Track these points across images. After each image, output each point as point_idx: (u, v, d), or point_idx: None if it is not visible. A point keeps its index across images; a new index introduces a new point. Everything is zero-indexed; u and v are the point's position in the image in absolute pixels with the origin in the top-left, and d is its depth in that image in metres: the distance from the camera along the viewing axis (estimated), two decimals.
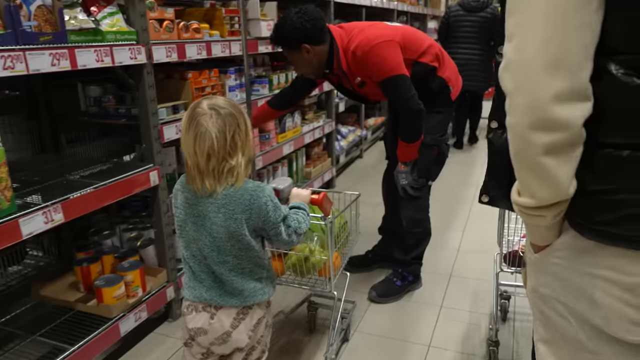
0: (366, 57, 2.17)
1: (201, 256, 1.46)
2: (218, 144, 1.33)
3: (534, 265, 0.96)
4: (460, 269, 2.87)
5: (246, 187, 1.41)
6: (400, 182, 2.39)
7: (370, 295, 2.55)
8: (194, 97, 2.39)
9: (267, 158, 3.14)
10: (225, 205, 1.40)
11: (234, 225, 1.40)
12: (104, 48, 1.83)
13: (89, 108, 2.32)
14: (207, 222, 1.42)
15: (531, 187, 0.82)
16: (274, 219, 1.44)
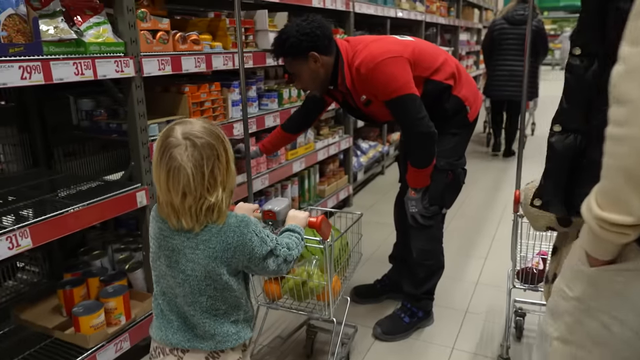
0: (371, 75, 1.98)
1: (172, 294, 1.31)
2: (195, 181, 1.17)
3: (588, 279, 0.93)
4: (478, 304, 2.61)
5: (229, 222, 1.25)
6: (410, 210, 2.18)
7: (375, 331, 2.34)
8: (191, 112, 2.26)
9: (275, 176, 2.97)
10: (205, 242, 1.23)
11: (213, 264, 1.24)
12: (85, 60, 1.71)
13: (80, 122, 2.22)
14: (182, 259, 1.26)
15: (631, 204, 0.77)
16: (260, 255, 1.28)
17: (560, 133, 1.03)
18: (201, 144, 1.17)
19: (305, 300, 1.84)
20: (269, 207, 1.56)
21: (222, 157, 1.21)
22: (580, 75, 1.00)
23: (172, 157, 1.16)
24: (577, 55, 1.00)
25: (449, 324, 2.44)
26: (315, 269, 1.76)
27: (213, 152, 1.19)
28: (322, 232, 1.55)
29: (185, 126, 1.20)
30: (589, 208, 0.83)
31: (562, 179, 1.04)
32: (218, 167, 1.20)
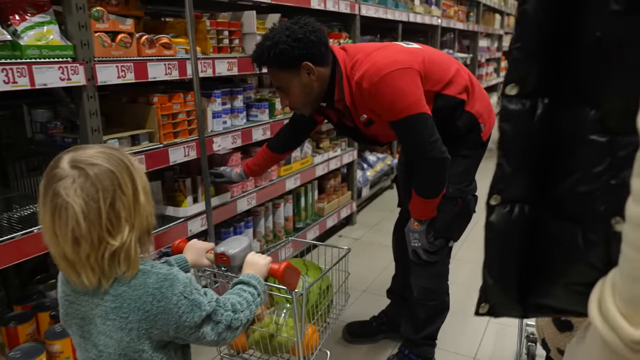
0: (375, 90, 1.67)
1: None
2: (87, 221, 0.90)
3: None
4: (490, 348, 2.28)
5: (146, 283, 0.97)
6: (412, 244, 1.86)
7: None
8: (161, 126, 1.99)
9: (264, 194, 2.68)
10: (117, 309, 0.96)
11: (127, 338, 0.96)
12: (19, 66, 1.45)
13: (35, 135, 1.96)
14: (93, 330, 0.99)
15: None
16: (192, 322, 1.00)
17: (501, 206, 0.73)
18: (95, 174, 0.90)
19: (275, 354, 1.55)
20: (222, 249, 1.27)
21: (127, 187, 0.94)
22: (523, 124, 0.69)
23: (57, 193, 0.89)
24: (513, 97, 0.69)
25: None
26: (286, 320, 1.46)
27: (113, 181, 0.92)
28: (286, 283, 1.26)
29: (77, 152, 0.94)
30: (612, 323, 0.56)
31: (511, 271, 0.75)
32: (121, 200, 0.93)
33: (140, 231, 0.97)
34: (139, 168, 1.00)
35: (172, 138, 2.05)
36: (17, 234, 1.53)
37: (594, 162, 0.64)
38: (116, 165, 0.94)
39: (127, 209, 0.94)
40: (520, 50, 0.67)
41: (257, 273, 1.21)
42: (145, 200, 0.98)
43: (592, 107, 0.64)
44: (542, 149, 0.70)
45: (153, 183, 2.26)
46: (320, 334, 1.62)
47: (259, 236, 2.81)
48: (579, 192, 0.66)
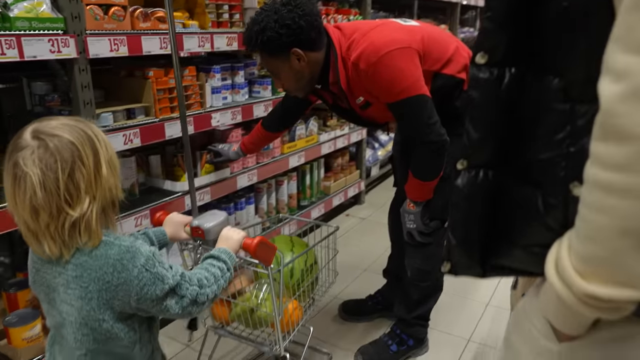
0: (372, 71, 1.63)
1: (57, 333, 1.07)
2: (44, 192, 0.91)
3: (558, 356, 0.72)
4: (485, 331, 2.26)
5: (107, 254, 0.98)
6: (407, 225, 1.84)
7: (355, 359, 2.03)
8: (156, 100, 1.99)
9: (266, 171, 2.68)
10: (78, 279, 0.98)
11: (87, 307, 0.98)
12: (7, 38, 1.46)
13: (34, 107, 1.99)
14: (57, 297, 1.02)
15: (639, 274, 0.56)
16: (153, 295, 1.00)
17: (467, 170, 0.75)
18: (55, 145, 0.92)
19: (259, 328, 1.56)
20: (197, 222, 1.28)
21: (88, 159, 0.95)
22: (490, 92, 0.71)
23: (16, 163, 0.91)
24: (482, 65, 0.71)
25: (445, 354, 2.10)
26: (265, 295, 1.47)
27: (73, 152, 0.93)
28: (259, 258, 1.26)
29: (40, 124, 0.95)
30: (567, 280, 0.61)
31: (474, 233, 0.77)
32: (80, 171, 0.94)
33: (103, 203, 0.98)
34: (104, 141, 1.00)
35: (169, 113, 2.06)
36: None
37: (555, 129, 0.66)
38: (78, 137, 0.94)
39: (87, 181, 0.95)
40: (490, 20, 0.70)
41: (229, 247, 1.21)
42: (109, 172, 0.99)
43: (556, 75, 0.66)
44: (508, 116, 0.72)
45: (152, 157, 2.29)
46: (304, 310, 1.63)
47: (261, 212, 2.83)
48: (540, 159, 0.68)
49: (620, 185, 0.53)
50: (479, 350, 2.12)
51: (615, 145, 0.52)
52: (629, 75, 0.50)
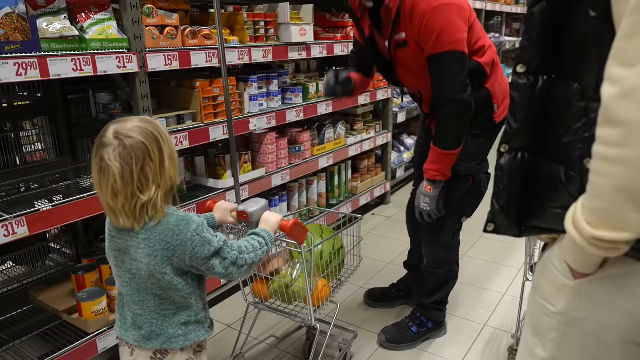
0: (430, 15, 1.69)
1: (124, 293, 1.33)
2: (122, 181, 1.18)
3: (572, 292, 0.95)
4: (501, 318, 2.43)
5: (168, 221, 1.24)
6: (421, 206, 1.96)
7: (379, 338, 2.25)
8: (202, 107, 2.27)
9: (298, 171, 2.94)
10: (146, 240, 1.24)
11: (154, 262, 1.24)
12: (85, 57, 1.76)
13: (99, 115, 2.30)
14: (127, 258, 1.27)
15: (630, 221, 0.78)
16: (202, 255, 1.26)
17: (508, 153, 0.99)
18: (131, 144, 1.17)
19: (293, 302, 1.80)
20: (242, 207, 1.52)
21: (155, 154, 1.20)
22: (528, 93, 0.95)
23: (102, 157, 1.18)
24: (521, 73, 0.95)
25: (462, 337, 2.29)
26: (299, 272, 1.71)
27: (144, 151, 1.18)
28: (294, 236, 1.50)
29: (119, 125, 1.21)
30: (579, 227, 0.83)
31: (514, 200, 1.00)
32: (149, 165, 1.19)
33: (165, 189, 1.24)
34: (167, 140, 1.25)
35: (213, 118, 2.33)
36: (84, 195, 1.85)
37: (575, 120, 0.89)
38: (147, 137, 1.20)
39: (154, 173, 1.20)
40: (528, 41, 0.95)
41: (269, 228, 1.46)
42: (170, 165, 1.24)
43: (576, 81, 0.89)
44: (540, 111, 0.96)
45: (197, 158, 2.58)
46: (331, 288, 1.86)
47: (293, 210, 3.08)
48: (563, 142, 0.92)
49: (615, 157, 0.75)
50: (494, 334, 2.30)
51: (611, 129, 0.75)
52: (620, 82, 0.73)
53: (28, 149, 2.40)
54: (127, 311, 1.34)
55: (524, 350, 1.10)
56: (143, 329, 1.30)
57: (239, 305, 2.54)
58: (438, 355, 2.17)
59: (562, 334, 0.98)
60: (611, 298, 0.91)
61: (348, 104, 3.25)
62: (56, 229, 2.68)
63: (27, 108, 2.39)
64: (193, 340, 1.32)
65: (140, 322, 1.30)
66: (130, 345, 1.34)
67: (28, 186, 2.13)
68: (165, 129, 1.28)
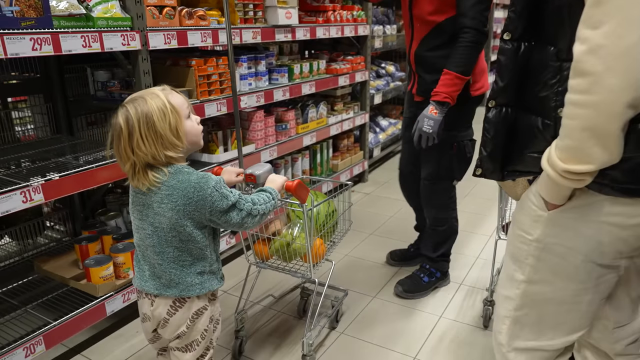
0: None
1: (144, 245, 1.46)
2: (125, 142, 1.32)
3: (546, 221, 1.13)
4: (475, 278, 2.67)
5: (189, 179, 1.38)
6: (424, 128, 2.07)
7: (396, 290, 2.50)
8: (198, 85, 2.40)
9: (284, 148, 3.10)
10: (169, 196, 1.37)
11: (176, 217, 1.38)
12: (93, 34, 1.86)
13: (97, 92, 2.40)
14: (150, 212, 1.40)
15: (593, 155, 0.95)
16: (221, 208, 1.41)
17: (495, 108, 1.17)
18: (135, 110, 1.32)
19: (292, 261, 1.97)
20: (250, 170, 1.68)
21: (159, 121, 1.32)
22: (512, 57, 1.13)
23: (115, 119, 1.34)
24: (507, 40, 1.13)
25: (441, 294, 2.52)
26: (299, 232, 1.88)
27: (147, 116, 1.31)
28: (298, 195, 1.67)
29: (135, 95, 1.37)
30: (553, 163, 1.01)
31: (498, 148, 1.18)
32: (153, 129, 1.31)
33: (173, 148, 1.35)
34: (174, 110, 1.35)
35: (207, 95, 2.46)
36: (81, 169, 1.94)
37: (550, 78, 1.08)
38: (154, 106, 1.33)
39: (124, 149, 1.33)
40: (513, 12, 1.13)
41: (275, 187, 1.62)
42: (171, 135, 1.34)
43: (552, 45, 1.08)
44: (521, 72, 1.16)
45: None
46: (326, 248, 2.04)
47: None
48: (541, 96, 1.10)
49: (582, 101, 0.92)
50: (470, 290, 2.54)
51: (580, 79, 0.92)
52: (587, 40, 0.90)
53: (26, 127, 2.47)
54: (145, 264, 1.46)
55: (505, 278, 1.30)
56: (163, 278, 1.43)
57: (234, 272, 2.70)
58: (421, 310, 2.39)
59: (537, 259, 1.19)
60: (576, 225, 1.10)
61: (329, 85, 3.42)
62: (50, 206, 2.77)
63: (23, 86, 2.46)
64: (208, 288, 1.47)
65: (159, 271, 1.43)
66: (150, 296, 1.46)
67: (33, 160, 2.21)
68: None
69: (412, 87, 2.33)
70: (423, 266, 2.57)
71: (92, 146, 2.36)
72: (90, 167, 1.96)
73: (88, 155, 2.25)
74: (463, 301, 2.45)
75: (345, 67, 3.56)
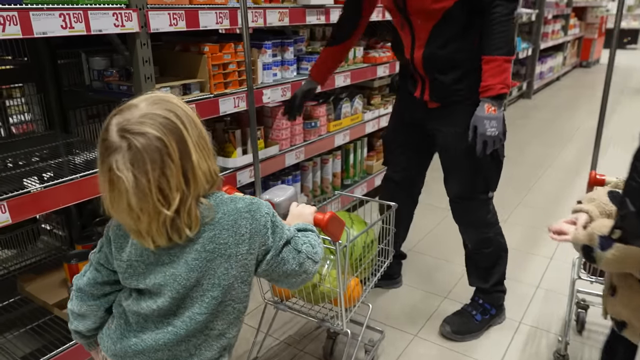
0: None
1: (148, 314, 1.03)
2: (139, 196, 0.90)
3: None
4: (536, 316, 2.22)
5: (237, 208, 1.00)
6: (488, 132, 1.69)
7: (443, 330, 2.06)
8: (212, 76, 1.99)
9: (312, 149, 2.68)
10: (215, 239, 0.98)
11: (223, 267, 0.99)
12: (75, 12, 1.48)
13: (92, 82, 2.02)
14: (180, 269, 0.99)
15: None
16: (276, 245, 1.03)
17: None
18: (142, 145, 0.88)
19: (318, 303, 1.57)
20: (267, 196, 1.27)
21: (174, 152, 0.90)
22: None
23: (109, 166, 0.90)
24: None
25: (495, 336, 2.08)
26: (329, 270, 1.48)
27: (161, 151, 0.89)
28: (330, 233, 1.26)
29: (123, 117, 0.91)
30: None
31: None
32: (170, 168, 0.90)
33: (200, 188, 0.96)
34: (190, 120, 0.95)
35: (223, 88, 2.06)
36: (77, 175, 1.60)
37: None
38: (163, 129, 0.90)
39: (176, 177, 0.91)
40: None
41: (305, 223, 1.21)
42: (199, 156, 0.94)
43: None
44: None
45: None
46: (363, 287, 1.63)
47: (306, 191, 2.83)
48: None
49: None
50: (531, 333, 2.09)
51: None
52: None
53: (14, 120, 2.13)
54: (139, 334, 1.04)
55: None
56: (172, 350, 1.03)
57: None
58: (472, 356, 1.96)
59: None
60: None
61: (367, 75, 2.97)
62: None
63: (11, 73, 2.11)
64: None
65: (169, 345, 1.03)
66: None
67: (16, 162, 1.87)
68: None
69: (422, 93, 1.90)
70: (475, 300, 2.13)
71: (87, 146, 2.00)
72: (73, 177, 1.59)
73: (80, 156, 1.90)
74: (524, 347, 2.01)
75: (386, 55, 3.09)
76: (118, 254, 1.05)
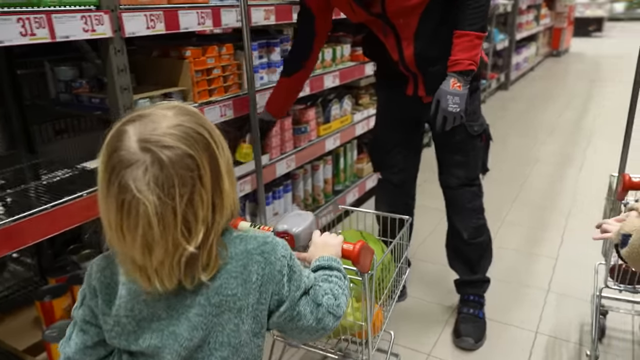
0: None
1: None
2: (162, 225, 0.72)
3: None
4: (552, 324, 2.10)
5: (247, 249, 0.83)
6: (449, 108, 1.64)
7: (465, 344, 1.94)
8: (194, 83, 1.79)
9: (303, 156, 2.50)
10: (219, 291, 0.81)
11: (242, 321, 0.83)
12: (37, 16, 1.26)
13: (59, 94, 1.79)
14: (181, 327, 0.81)
15: None
16: (293, 295, 0.86)
17: None
18: (171, 162, 0.71)
19: (337, 337, 1.40)
20: (285, 226, 1.08)
21: (207, 176, 0.74)
22: None
23: (124, 185, 0.71)
24: None
25: (509, 348, 1.95)
26: (351, 301, 1.30)
27: (193, 171, 0.73)
28: (361, 265, 1.08)
29: (145, 126, 0.73)
30: None
31: None
32: (200, 194, 0.74)
33: (225, 223, 0.81)
34: (221, 142, 0.80)
35: (207, 96, 1.86)
36: (47, 205, 1.38)
37: None
38: (194, 144, 0.74)
39: (206, 205, 0.75)
40: None
41: (331, 257, 1.03)
42: (230, 184, 0.80)
43: None
44: None
45: None
46: (384, 313, 1.46)
47: (298, 200, 2.65)
48: None
49: None
50: (550, 343, 1.97)
51: None
52: None
53: None
54: None
55: None
56: None
57: None
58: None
59: None
60: None
61: (355, 75, 2.80)
62: None
63: None
64: None
65: None
66: None
67: None
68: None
69: (415, 89, 1.83)
70: (467, 300, 2.06)
71: (57, 167, 1.77)
72: (43, 209, 1.37)
73: (48, 180, 1.67)
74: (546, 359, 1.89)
75: None
76: (107, 307, 0.86)
